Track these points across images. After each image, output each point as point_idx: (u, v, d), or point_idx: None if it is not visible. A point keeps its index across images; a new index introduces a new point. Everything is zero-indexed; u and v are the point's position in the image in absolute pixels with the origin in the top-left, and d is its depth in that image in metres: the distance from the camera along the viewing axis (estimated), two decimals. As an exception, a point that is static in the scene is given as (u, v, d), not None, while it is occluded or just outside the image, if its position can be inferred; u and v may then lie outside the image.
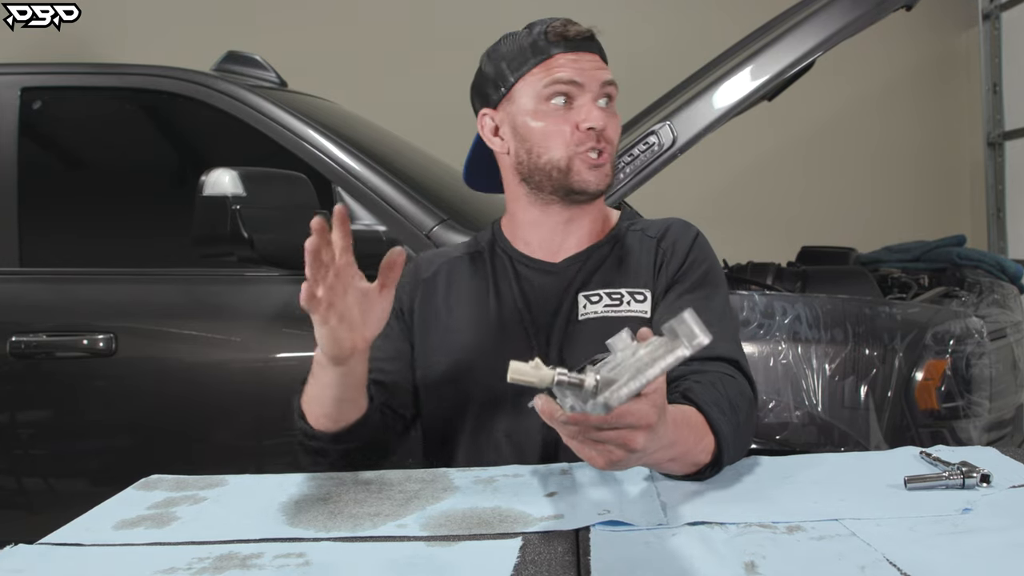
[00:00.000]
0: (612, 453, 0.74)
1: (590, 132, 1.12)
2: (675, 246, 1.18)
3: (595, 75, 1.13)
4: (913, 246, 2.62)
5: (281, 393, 1.80)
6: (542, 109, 1.13)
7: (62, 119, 2.18)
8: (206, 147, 2.24)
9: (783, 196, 4.25)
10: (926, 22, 4.10)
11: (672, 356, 0.61)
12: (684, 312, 0.61)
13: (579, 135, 1.12)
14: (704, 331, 0.61)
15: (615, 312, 1.14)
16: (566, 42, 1.13)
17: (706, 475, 0.93)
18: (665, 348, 0.62)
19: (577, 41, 1.14)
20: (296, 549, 0.77)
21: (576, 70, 1.12)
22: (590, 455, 0.74)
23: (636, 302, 1.15)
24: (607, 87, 1.14)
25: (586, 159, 1.13)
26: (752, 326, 1.68)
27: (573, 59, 1.13)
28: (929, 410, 1.65)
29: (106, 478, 1.82)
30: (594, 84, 1.13)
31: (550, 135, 1.13)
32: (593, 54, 1.15)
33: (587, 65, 1.13)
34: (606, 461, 0.74)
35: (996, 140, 4.06)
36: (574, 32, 1.14)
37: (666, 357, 0.61)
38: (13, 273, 1.93)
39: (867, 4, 1.75)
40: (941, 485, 0.86)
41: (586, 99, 1.12)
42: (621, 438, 0.72)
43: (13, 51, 3.16)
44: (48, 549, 0.80)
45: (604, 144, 1.13)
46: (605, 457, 0.74)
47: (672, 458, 0.87)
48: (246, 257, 1.67)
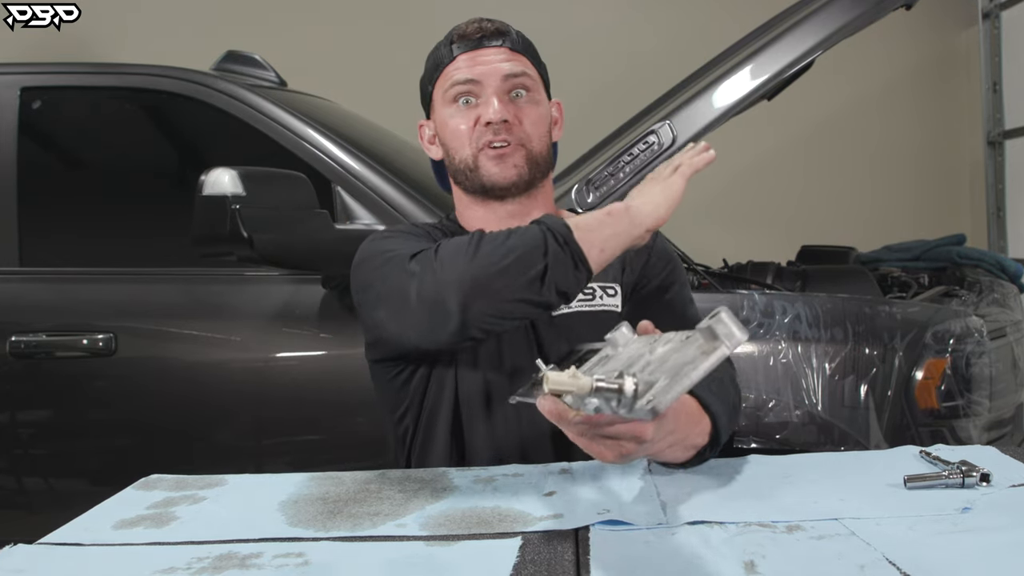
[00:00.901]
0: (623, 447, 0.75)
1: (489, 126, 1.12)
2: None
3: (494, 69, 1.12)
4: (913, 245, 2.62)
5: (281, 393, 1.82)
6: (450, 112, 1.15)
7: (62, 119, 2.17)
8: (206, 147, 2.24)
9: (783, 195, 4.25)
10: (926, 21, 4.09)
11: (714, 356, 0.60)
12: (721, 312, 0.60)
13: (479, 130, 1.13)
14: (742, 329, 0.60)
15: (589, 307, 1.16)
16: (466, 42, 1.14)
17: (706, 456, 0.95)
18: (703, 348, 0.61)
19: (476, 39, 1.14)
20: (295, 549, 0.77)
21: (472, 68, 1.13)
22: (599, 451, 0.75)
23: (608, 296, 1.17)
24: (511, 79, 1.13)
25: (487, 152, 1.13)
26: (752, 325, 1.68)
27: (471, 57, 1.13)
28: (929, 409, 1.65)
29: (106, 478, 1.81)
30: (493, 79, 1.12)
31: (457, 135, 1.14)
32: (498, 48, 1.14)
33: (487, 60, 1.13)
34: (616, 455, 0.76)
35: (996, 139, 4.05)
36: (473, 30, 1.14)
37: (708, 357, 0.60)
38: (13, 273, 1.93)
39: (867, 3, 1.75)
40: (941, 484, 0.86)
41: (487, 94, 1.12)
42: (632, 431, 0.74)
43: (13, 51, 3.16)
44: (48, 549, 0.80)
45: (508, 136, 1.12)
46: (615, 451, 0.75)
47: (671, 444, 0.89)
48: (246, 257, 1.67)
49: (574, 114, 2.70)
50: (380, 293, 1.03)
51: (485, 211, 1.18)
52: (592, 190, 1.76)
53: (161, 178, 2.20)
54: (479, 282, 0.93)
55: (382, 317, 1.03)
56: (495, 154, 1.12)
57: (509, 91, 1.13)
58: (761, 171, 4.26)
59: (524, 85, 1.14)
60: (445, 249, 0.98)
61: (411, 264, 0.99)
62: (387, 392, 1.20)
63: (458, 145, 1.15)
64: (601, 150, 2.54)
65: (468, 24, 1.15)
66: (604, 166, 1.77)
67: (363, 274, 1.08)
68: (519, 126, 1.13)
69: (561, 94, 1.26)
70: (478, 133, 1.13)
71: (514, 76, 1.13)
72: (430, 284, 0.95)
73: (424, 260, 0.98)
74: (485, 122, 1.12)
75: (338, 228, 1.79)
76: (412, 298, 0.96)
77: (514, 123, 1.12)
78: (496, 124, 1.11)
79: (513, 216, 1.17)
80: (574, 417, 0.70)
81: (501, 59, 1.13)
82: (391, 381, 1.19)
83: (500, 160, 1.13)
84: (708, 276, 1.92)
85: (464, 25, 1.15)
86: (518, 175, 1.13)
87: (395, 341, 1.06)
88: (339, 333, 1.78)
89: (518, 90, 1.14)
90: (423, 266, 0.98)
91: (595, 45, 4.05)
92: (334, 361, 1.78)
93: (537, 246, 0.94)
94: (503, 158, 1.13)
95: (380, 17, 4.11)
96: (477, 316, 0.94)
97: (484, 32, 1.14)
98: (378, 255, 1.06)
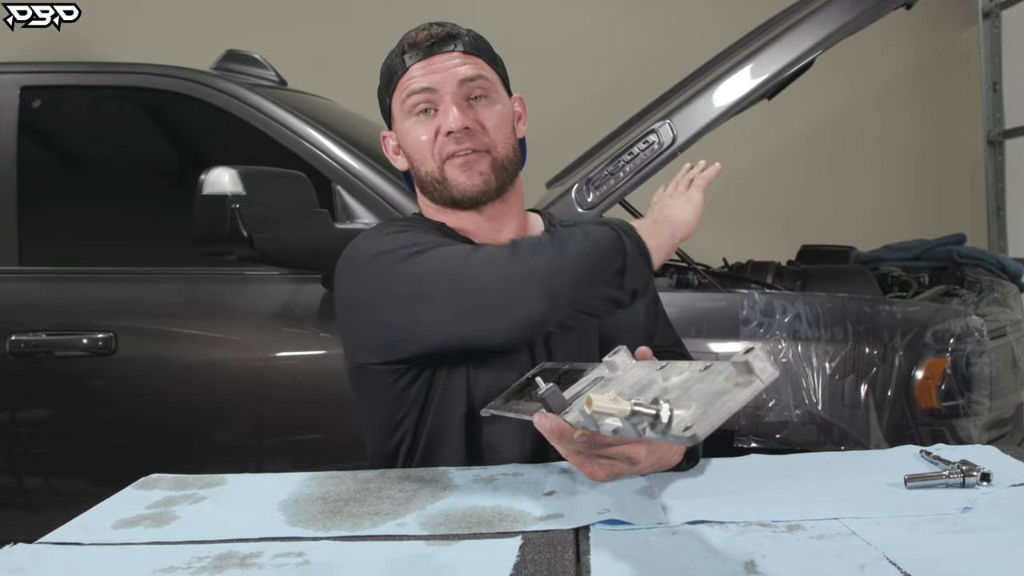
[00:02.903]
0: (616, 467, 0.78)
1: (450, 135, 1.10)
2: None
3: (449, 76, 1.10)
4: (913, 244, 2.62)
5: (281, 392, 1.82)
6: (410, 124, 1.13)
7: (62, 118, 2.17)
8: (206, 146, 2.24)
9: (783, 194, 4.25)
10: (926, 20, 4.09)
11: (749, 389, 0.61)
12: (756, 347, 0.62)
13: (440, 141, 1.11)
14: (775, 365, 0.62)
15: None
16: (418, 50, 1.12)
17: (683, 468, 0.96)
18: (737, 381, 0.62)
19: (428, 46, 1.12)
20: (295, 548, 0.77)
21: (427, 76, 1.10)
22: (592, 470, 0.78)
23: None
24: (468, 83, 1.11)
25: (454, 162, 1.11)
26: (752, 325, 1.68)
27: (425, 66, 1.11)
28: (929, 409, 1.65)
29: (106, 477, 1.82)
30: (449, 84, 1.10)
31: (420, 147, 1.13)
32: (450, 53, 1.12)
33: (441, 67, 1.11)
34: (608, 474, 0.80)
35: (996, 138, 4.05)
36: (423, 38, 1.12)
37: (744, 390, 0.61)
38: (13, 272, 1.93)
39: (867, 2, 1.75)
40: (941, 484, 0.86)
41: (445, 102, 1.10)
42: (627, 452, 0.76)
43: (13, 51, 3.16)
44: (47, 548, 0.80)
45: (471, 143, 1.10)
46: (608, 471, 0.79)
47: (652, 464, 0.92)
48: (246, 256, 1.67)
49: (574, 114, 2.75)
50: (426, 291, 0.99)
51: (454, 218, 1.17)
52: (592, 189, 1.76)
53: (161, 177, 2.21)
54: (567, 275, 0.93)
55: (434, 316, 0.99)
56: (461, 161, 1.11)
57: (467, 96, 1.11)
58: (761, 171, 4.26)
59: (482, 88, 1.12)
60: (518, 245, 0.97)
61: (475, 257, 0.97)
62: (380, 399, 1.14)
63: (421, 158, 1.13)
64: (601, 149, 2.54)
65: (418, 31, 1.13)
66: (604, 165, 1.77)
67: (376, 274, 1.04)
68: (481, 131, 1.11)
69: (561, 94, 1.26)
70: (440, 144, 1.11)
71: (470, 80, 1.11)
72: (514, 277, 0.94)
73: (493, 254, 0.97)
74: (446, 132, 1.10)
75: (338, 227, 1.79)
76: (491, 292, 0.94)
77: (476, 129, 1.11)
78: (457, 132, 1.09)
79: (490, 220, 1.16)
80: (578, 437, 0.71)
81: (455, 64, 1.11)
82: (389, 387, 1.12)
83: (466, 167, 1.11)
84: (708, 276, 1.92)
85: (414, 33, 1.13)
86: (484, 183, 1.12)
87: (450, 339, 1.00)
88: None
89: (476, 94, 1.12)
90: (495, 260, 0.96)
91: (595, 45, 4.05)
92: (334, 360, 1.78)
93: (615, 244, 0.95)
94: (468, 165, 1.11)
95: (380, 17, 4.10)
96: (562, 309, 0.93)
97: (435, 38, 1.12)
98: (397, 250, 1.02)
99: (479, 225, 1.16)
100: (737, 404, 0.61)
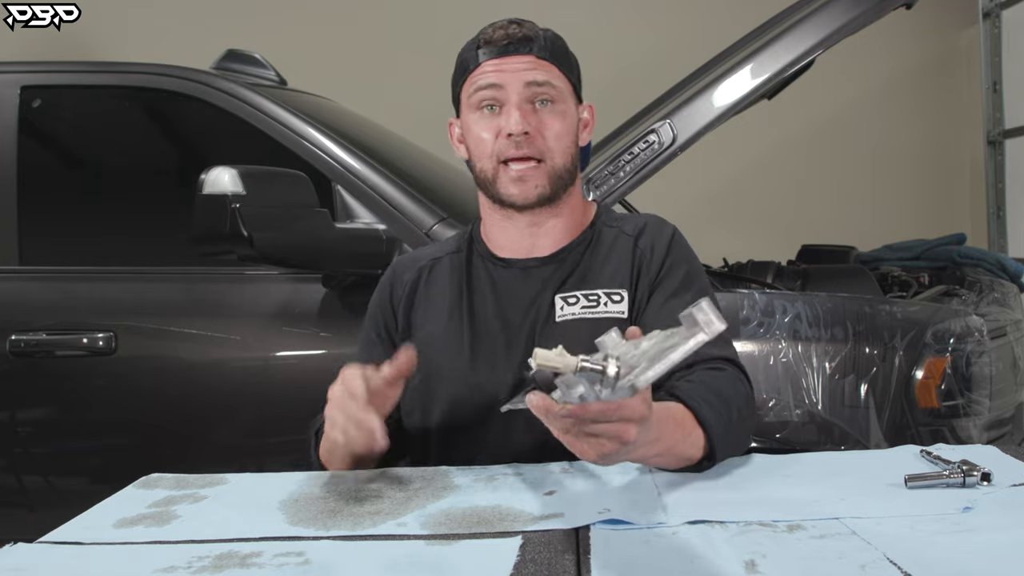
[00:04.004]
0: (604, 446, 0.76)
1: (510, 138, 1.10)
2: (653, 247, 1.17)
3: (518, 77, 1.10)
4: (913, 244, 2.62)
5: (281, 392, 1.82)
6: (474, 117, 1.14)
7: (62, 117, 2.17)
8: (206, 145, 2.24)
9: (783, 194, 4.25)
10: (926, 20, 4.09)
11: (692, 341, 0.63)
12: (702, 302, 0.63)
13: (501, 143, 1.11)
14: (721, 319, 0.63)
15: (592, 313, 1.13)
16: (493, 47, 1.12)
17: (703, 467, 0.94)
18: (683, 336, 0.64)
19: (503, 45, 1.12)
20: (296, 548, 0.77)
21: (497, 75, 1.11)
22: (582, 448, 0.76)
23: (613, 303, 1.14)
24: (534, 87, 1.11)
25: (508, 172, 1.12)
26: (752, 324, 1.68)
27: (497, 64, 1.11)
28: (929, 408, 1.65)
29: (106, 476, 1.81)
30: (516, 86, 1.10)
31: (480, 144, 1.13)
32: (524, 56, 1.12)
33: (511, 68, 1.11)
34: (598, 454, 0.76)
35: (996, 138, 4.06)
36: (500, 35, 1.12)
37: (687, 342, 0.63)
38: (13, 271, 1.93)
39: (867, 2, 1.75)
40: (942, 484, 0.86)
41: (510, 104, 1.11)
42: (615, 431, 0.74)
43: (13, 51, 3.16)
44: (48, 548, 0.80)
45: (529, 149, 1.10)
46: (597, 450, 0.76)
47: (659, 453, 0.89)
48: (246, 255, 1.67)
49: (574, 113, 2.61)
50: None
51: (503, 218, 1.18)
52: (592, 189, 1.76)
53: (161, 177, 2.20)
54: None
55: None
56: (516, 175, 1.11)
57: (532, 100, 1.11)
58: (761, 170, 4.26)
59: (548, 95, 1.12)
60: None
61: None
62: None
63: (480, 154, 1.14)
64: (601, 149, 2.54)
65: (496, 28, 1.13)
66: (604, 165, 1.77)
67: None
68: (541, 139, 1.11)
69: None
70: (500, 146, 1.11)
71: (537, 85, 1.11)
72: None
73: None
74: (506, 134, 1.10)
75: (338, 227, 1.79)
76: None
77: (535, 135, 1.11)
78: (517, 136, 1.10)
79: (534, 225, 1.17)
80: (560, 411, 0.71)
81: (526, 67, 1.11)
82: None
83: (520, 182, 1.12)
84: (708, 275, 1.92)
85: (492, 29, 1.13)
86: (539, 195, 1.13)
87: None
88: (339, 332, 1.78)
89: (542, 99, 1.12)
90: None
91: (595, 45, 4.03)
92: (334, 360, 1.78)
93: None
94: (523, 180, 1.12)
95: (380, 17, 4.11)
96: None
97: (511, 39, 1.12)
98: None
99: (521, 231, 1.18)
100: (679, 355, 0.63)
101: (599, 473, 0.96)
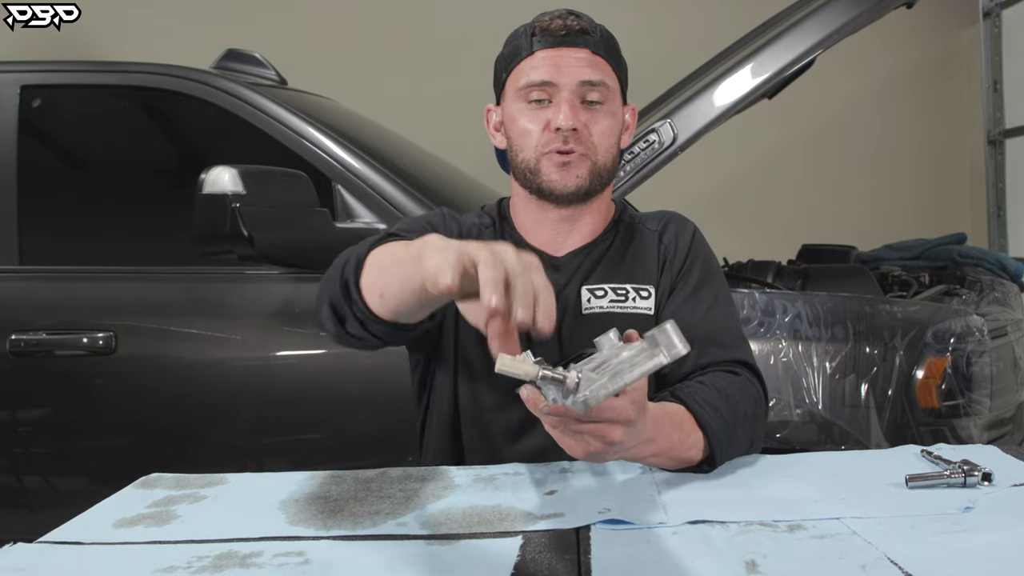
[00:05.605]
0: (590, 445, 0.77)
1: (558, 132, 1.09)
2: (677, 242, 1.18)
3: (573, 73, 1.09)
4: (914, 244, 2.62)
5: (281, 392, 1.82)
6: (520, 107, 1.12)
7: (62, 117, 2.17)
8: (206, 145, 2.24)
9: (783, 194, 4.25)
10: (927, 20, 4.10)
11: (651, 363, 0.65)
12: (666, 323, 0.64)
13: (547, 135, 1.10)
14: (683, 342, 0.65)
15: (620, 308, 1.13)
16: (548, 37, 1.10)
17: (703, 470, 0.94)
18: (645, 355, 0.65)
19: (559, 36, 1.10)
20: (296, 548, 0.77)
21: (551, 68, 1.09)
22: (569, 444, 0.78)
23: (641, 298, 1.14)
24: (587, 86, 1.10)
25: (552, 158, 1.10)
26: (753, 324, 1.68)
27: (552, 56, 1.09)
28: (930, 408, 1.65)
29: (106, 476, 1.82)
30: (570, 82, 1.09)
31: (524, 134, 1.12)
32: (579, 49, 1.10)
33: (566, 62, 1.09)
34: (584, 452, 0.77)
35: (996, 138, 4.06)
36: (557, 26, 1.10)
37: (645, 363, 0.65)
38: (13, 271, 1.93)
39: (867, 2, 1.75)
40: (942, 484, 0.86)
41: (561, 98, 1.09)
42: (599, 431, 0.75)
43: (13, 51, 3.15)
44: (47, 547, 0.80)
45: (575, 145, 1.09)
46: (583, 448, 0.77)
47: (655, 453, 0.88)
48: (246, 255, 1.67)
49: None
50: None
51: (539, 210, 1.17)
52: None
53: (161, 176, 2.20)
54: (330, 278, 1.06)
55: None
56: (560, 161, 1.10)
57: (583, 97, 1.10)
58: (762, 170, 4.26)
59: (600, 93, 1.11)
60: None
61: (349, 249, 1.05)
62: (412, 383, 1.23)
63: (524, 144, 1.12)
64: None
65: (552, 17, 1.11)
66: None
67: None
68: (588, 136, 1.10)
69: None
70: (546, 139, 1.10)
71: (591, 84, 1.09)
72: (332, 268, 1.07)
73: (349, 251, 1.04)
74: (555, 128, 1.09)
75: (338, 226, 1.79)
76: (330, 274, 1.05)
77: (583, 132, 1.10)
78: (566, 131, 1.08)
79: (566, 220, 1.16)
80: (544, 408, 0.72)
81: (581, 63, 1.09)
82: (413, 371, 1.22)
83: (563, 169, 1.10)
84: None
85: (548, 18, 1.11)
86: (578, 186, 1.11)
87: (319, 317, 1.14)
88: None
89: (593, 97, 1.10)
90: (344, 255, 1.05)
91: (595, 44, 4.04)
92: (334, 360, 1.78)
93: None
94: (567, 167, 1.10)
95: (380, 16, 4.11)
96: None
97: (568, 30, 1.10)
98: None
99: (553, 224, 1.17)
100: (635, 376, 0.64)
101: (599, 473, 0.96)
